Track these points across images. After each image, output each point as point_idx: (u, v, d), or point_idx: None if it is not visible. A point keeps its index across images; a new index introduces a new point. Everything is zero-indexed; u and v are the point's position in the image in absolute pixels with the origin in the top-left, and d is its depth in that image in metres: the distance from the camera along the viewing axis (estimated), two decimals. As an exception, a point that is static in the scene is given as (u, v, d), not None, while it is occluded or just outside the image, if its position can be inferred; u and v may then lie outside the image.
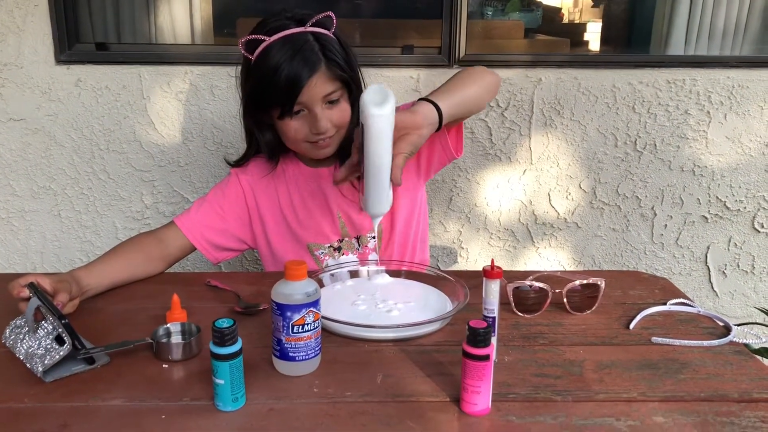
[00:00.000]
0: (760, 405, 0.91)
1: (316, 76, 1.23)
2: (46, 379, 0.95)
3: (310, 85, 1.23)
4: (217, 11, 2.21)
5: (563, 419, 0.87)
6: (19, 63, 1.99)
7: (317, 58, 1.23)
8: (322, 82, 1.25)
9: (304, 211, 1.41)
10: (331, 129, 1.29)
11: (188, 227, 1.38)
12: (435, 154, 1.40)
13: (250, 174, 1.43)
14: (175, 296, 1.13)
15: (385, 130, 1.06)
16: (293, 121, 1.28)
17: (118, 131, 2.06)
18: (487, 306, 0.99)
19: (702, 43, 2.21)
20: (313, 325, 0.96)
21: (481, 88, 1.31)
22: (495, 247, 2.21)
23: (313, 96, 1.25)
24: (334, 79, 1.26)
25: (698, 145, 2.12)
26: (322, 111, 1.27)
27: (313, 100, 1.25)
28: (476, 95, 1.30)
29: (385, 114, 1.04)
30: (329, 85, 1.26)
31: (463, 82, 1.29)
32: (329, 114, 1.28)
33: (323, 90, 1.25)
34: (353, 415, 0.88)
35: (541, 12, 2.60)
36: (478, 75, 1.33)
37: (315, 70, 1.23)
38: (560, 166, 2.14)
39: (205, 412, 0.89)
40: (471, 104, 1.29)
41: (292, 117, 1.28)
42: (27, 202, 2.12)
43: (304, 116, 1.28)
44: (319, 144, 1.31)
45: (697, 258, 2.24)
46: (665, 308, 1.22)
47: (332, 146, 1.33)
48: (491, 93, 1.36)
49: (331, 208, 1.41)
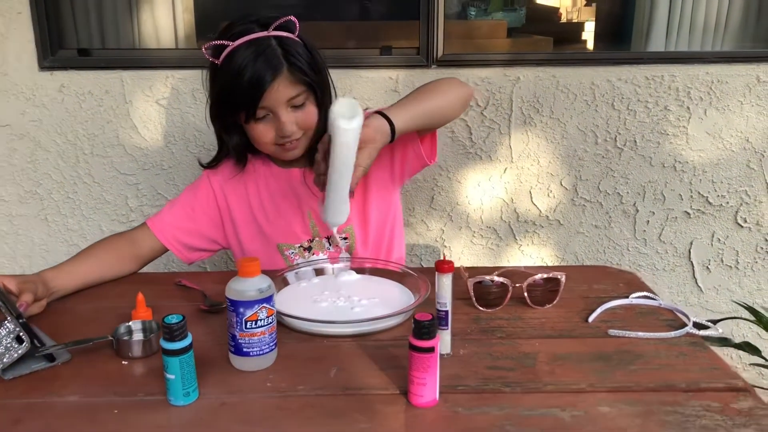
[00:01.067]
0: (707, 394, 0.92)
1: (278, 80, 1.25)
2: (5, 376, 0.97)
3: (273, 89, 1.25)
4: (200, 16, 2.24)
5: (509, 410, 0.89)
6: (3, 70, 2.02)
7: (279, 62, 1.25)
8: (284, 86, 1.26)
9: (274, 211, 1.42)
10: (297, 132, 1.31)
11: (159, 228, 1.40)
12: (408, 161, 1.41)
13: (221, 174, 1.45)
14: (139, 295, 1.15)
15: (351, 143, 1.09)
16: (259, 125, 1.30)
17: (102, 135, 2.09)
18: (440, 300, 1.01)
19: (683, 39, 2.22)
20: (267, 320, 0.97)
21: (446, 101, 1.32)
22: (478, 245, 2.23)
23: (277, 100, 1.26)
24: (298, 82, 1.27)
25: (679, 141, 2.13)
26: (287, 114, 1.28)
27: (277, 104, 1.27)
28: (438, 107, 1.31)
29: (353, 128, 1.07)
30: (292, 88, 1.27)
31: (424, 95, 1.30)
32: (294, 117, 1.29)
33: (286, 94, 1.27)
34: (302, 408, 0.90)
35: (525, 11, 2.62)
36: (444, 87, 1.33)
37: (277, 74, 1.24)
38: (541, 163, 2.15)
39: (158, 407, 0.90)
40: (434, 117, 1.31)
41: (258, 121, 1.29)
42: (14, 207, 2.15)
43: (270, 120, 1.30)
44: (286, 147, 1.33)
45: (681, 253, 2.25)
46: (627, 301, 1.23)
47: (300, 148, 1.35)
48: (459, 105, 1.36)
49: (301, 208, 1.42)
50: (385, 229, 1.47)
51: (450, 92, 1.33)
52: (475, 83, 2.05)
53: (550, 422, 0.86)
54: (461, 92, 1.35)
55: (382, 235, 1.46)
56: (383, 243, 1.46)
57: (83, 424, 0.87)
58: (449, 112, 1.33)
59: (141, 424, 0.87)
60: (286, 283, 1.26)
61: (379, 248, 1.46)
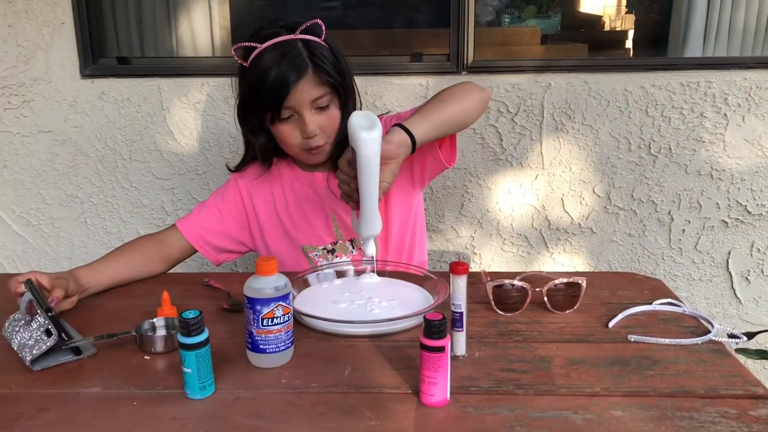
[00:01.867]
0: (726, 401, 0.90)
1: (303, 81, 1.28)
2: (33, 367, 1.01)
3: (298, 89, 1.28)
4: (235, 25, 2.29)
5: (520, 411, 0.89)
6: (47, 78, 2.10)
7: (304, 63, 1.28)
8: (309, 87, 1.29)
9: (299, 214, 1.45)
10: (321, 134, 1.33)
11: (188, 230, 1.44)
12: (427, 165, 1.41)
13: (248, 177, 1.48)
14: (165, 293, 1.18)
15: (375, 153, 1.11)
16: (285, 126, 1.33)
17: (140, 141, 2.15)
18: (454, 301, 1.01)
19: (721, 45, 2.17)
20: (283, 318, 0.99)
21: (462, 106, 1.32)
22: (508, 252, 2.21)
23: (301, 100, 1.29)
24: (322, 84, 1.30)
25: (715, 149, 2.09)
26: (310, 115, 1.31)
27: (302, 104, 1.30)
28: (457, 114, 1.31)
29: (375, 138, 1.09)
30: (317, 89, 1.30)
31: (442, 103, 1.30)
32: (318, 119, 1.32)
33: (311, 94, 1.29)
34: (314, 405, 0.91)
35: (560, 18, 2.60)
36: (459, 93, 1.33)
37: (302, 75, 1.27)
38: (573, 170, 2.13)
39: (175, 400, 0.93)
40: (453, 123, 1.31)
41: (283, 122, 1.32)
42: (56, 209, 2.23)
43: (295, 121, 1.32)
44: (312, 151, 1.35)
45: (718, 264, 2.19)
46: (649, 308, 1.21)
47: (324, 153, 1.37)
48: (477, 110, 1.36)
49: (325, 211, 1.44)
50: (406, 232, 1.47)
51: (467, 97, 1.33)
52: (506, 89, 2.05)
53: (561, 424, 0.86)
54: (478, 96, 1.35)
55: (404, 238, 1.47)
56: (404, 246, 1.47)
57: (104, 415, 0.90)
58: (468, 118, 1.34)
59: (158, 416, 0.89)
60: (307, 284, 1.28)
61: (401, 251, 1.47)
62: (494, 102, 2.06)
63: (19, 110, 2.13)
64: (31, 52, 2.08)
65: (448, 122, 1.30)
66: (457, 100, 1.31)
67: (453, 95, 1.32)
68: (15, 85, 2.11)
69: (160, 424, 0.87)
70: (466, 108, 1.32)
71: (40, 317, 1.05)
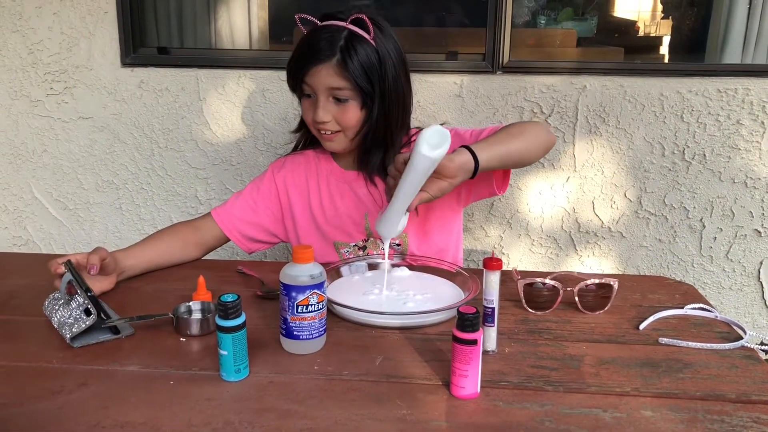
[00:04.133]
0: (758, 407, 0.90)
1: (325, 65, 1.29)
2: (73, 344, 1.04)
3: (317, 70, 1.29)
4: (273, 18, 2.32)
5: (549, 407, 0.89)
6: (88, 65, 2.15)
7: (334, 51, 1.28)
8: (329, 74, 1.29)
9: (332, 209, 1.46)
10: (331, 123, 1.34)
11: (223, 219, 1.46)
12: (477, 189, 1.41)
13: (287, 169, 1.50)
14: (201, 278, 1.20)
15: (425, 170, 1.12)
16: (305, 101, 1.37)
17: (176, 131, 2.19)
18: (487, 296, 1.02)
19: (761, 52, 2.15)
20: (317, 306, 1.01)
21: (530, 145, 1.32)
22: (537, 253, 2.21)
23: (319, 83, 1.31)
24: (344, 77, 1.29)
25: (751, 156, 2.07)
26: (324, 101, 1.32)
27: (318, 87, 1.31)
28: (522, 151, 1.31)
29: (433, 157, 1.10)
30: (336, 79, 1.30)
31: (511, 137, 1.30)
32: (332, 108, 1.33)
33: (329, 81, 1.30)
34: (346, 392, 0.92)
35: (596, 21, 2.59)
36: (529, 132, 1.33)
37: (325, 60, 1.29)
38: (605, 174, 2.12)
39: (210, 381, 0.95)
40: (515, 159, 1.31)
41: (304, 97, 1.36)
42: (92, 194, 2.27)
43: (313, 101, 1.34)
44: (322, 135, 1.37)
45: (749, 273, 2.17)
46: (681, 312, 1.20)
47: (337, 143, 1.38)
48: (541, 152, 1.35)
49: (359, 209, 1.45)
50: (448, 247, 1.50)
51: (537, 138, 1.33)
52: (541, 90, 2.05)
53: (591, 421, 0.86)
54: (546, 139, 1.35)
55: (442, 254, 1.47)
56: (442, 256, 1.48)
57: (141, 392, 0.92)
58: (531, 158, 1.34)
59: (193, 395, 0.91)
60: (339, 275, 1.30)
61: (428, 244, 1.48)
62: (528, 103, 2.06)
63: (61, 96, 2.18)
64: (74, 39, 2.13)
65: (513, 157, 1.30)
66: (526, 137, 1.31)
67: (524, 132, 1.32)
68: (57, 72, 2.16)
69: (195, 403, 0.89)
70: (532, 148, 1.32)
71: (80, 297, 1.08)
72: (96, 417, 0.86)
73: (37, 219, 2.32)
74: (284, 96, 2.11)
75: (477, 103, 2.08)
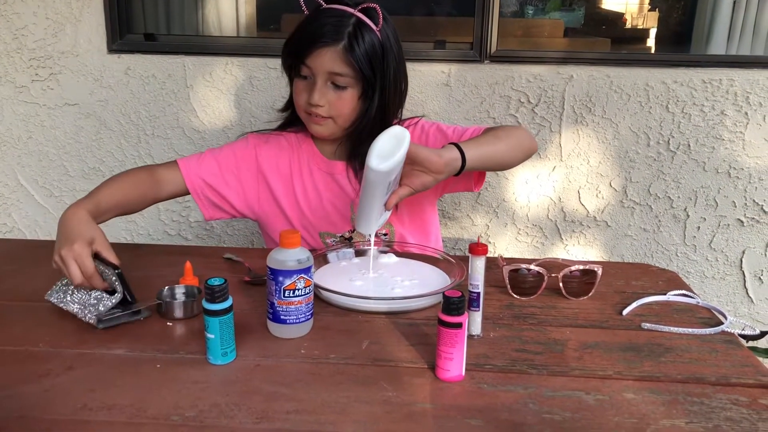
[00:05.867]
0: (736, 389, 0.92)
1: (329, 49, 1.28)
2: (99, 326, 1.04)
3: (320, 53, 1.29)
4: (261, 5, 2.31)
5: (533, 390, 0.91)
6: (74, 51, 2.13)
7: (341, 36, 1.28)
8: (332, 58, 1.29)
9: (317, 200, 1.44)
10: (325, 108, 1.33)
11: (190, 178, 1.40)
12: (454, 184, 1.42)
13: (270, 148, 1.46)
14: (187, 263, 1.21)
15: (376, 183, 1.13)
16: (300, 82, 1.35)
17: (163, 118, 2.18)
18: (472, 281, 1.03)
19: (745, 43, 2.17)
20: (304, 290, 1.01)
21: (514, 150, 1.34)
22: (522, 242, 2.23)
23: (320, 65, 1.30)
24: (347, 64, 1.29)
25: (735, 147, 2.09)
26: (322, 85, 1.31)
27: (318, 70, 1.30)
28: (505, 155, 1.34)
29: (381, 170, 1.10)
30: (339, 65, 1.29)
31: (498, 140, 1.32)
32: (329, 94, 1.32)
33: (330, 66, 1.29)
34: (332, 375, 0.93)
35: (583, 12, 2.60)
36: (515, 137, 1.35)
37: (331, 44, 1.28)
38: (591, 163, 2.14)
39: (197, 364, 0.96)
40: (498, 161, 1.34)
41: (300, 78, 1.34)
42: (78, 182, 2.26)
43: (309, 83, 1.33)
44: (312, 118, 1.36)
45: (732, 262, 2.20)
46: (664, 298, 1.22)
47: (325, 128, 1.37)
48: (521, 157, 1.38)
49: (344, 200, 1.45)
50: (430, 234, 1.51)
51: (520, 144, 1.36)
52: (528, 80, 2.06)
53: (574, 404, 0.87)
54: (529, 146, 1.38)
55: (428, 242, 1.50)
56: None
57: (128, 375, 0.93)
58: (512, 162, 1.37)
59: (181, 378, 0.92)
60: (326, 261, 1.30)
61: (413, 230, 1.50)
62: (515, 92, 2.07)
63: (46, 82, 2.16)
64: (60, 25, 2.11)
65: (497, 159, 1.33)
66: (511, 142, 1.34)
67: (509, 136, 1.34)
68: (43, 57, 2.14)
69: (183, 386, 0.90)
70: (515, 153, 1.35)
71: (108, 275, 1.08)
72: (83, 400, 0.86)
73: (22, 206, 2.30)
74: (272, 83, 2.11)
75: (465, 92, 2.08)
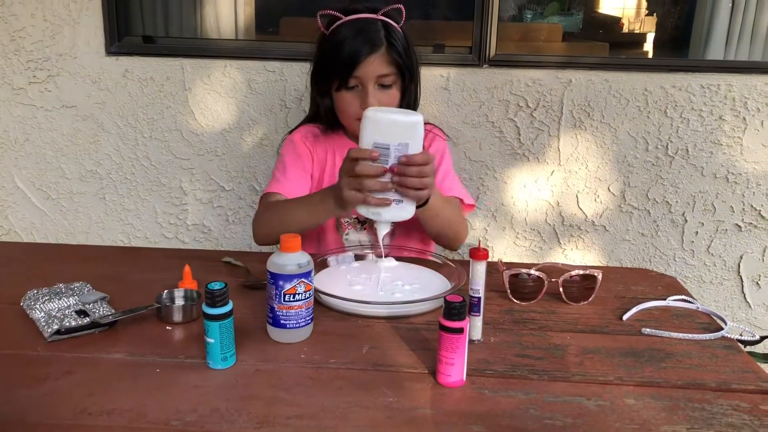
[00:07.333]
0: (737, 395, 0.92)
1: (375, 55, 1.35)
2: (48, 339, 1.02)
3: (368, 61, 1.35)
4: (260, 8, 2.31)
5: (534, 395, 0.90)
6: (72, 53, 2.13)
7: (380, 39, 1.37)
8: (379, 63, 1.36)
9: None
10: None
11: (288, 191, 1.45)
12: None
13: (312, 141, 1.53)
14: (186, 267, 1.20)
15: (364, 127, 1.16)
16: (347, 94, 1.40)
17: (161, 120, 2.17)
18: (473, 286, 1.03)
19: (743, 48, 2.17)
20: (304, 295, 1.01)
21: (456, 224, 1.43)
22: (521, 246, 2.23)
23: (369, 73, 1.36)
24: (391, 63, 1.38)
25: (733, 152, 2.09)
26: (373, 89, 1.38)
27: (368, 77, 1.36)
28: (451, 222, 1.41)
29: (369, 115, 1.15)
30: (385, 66, 1.37)
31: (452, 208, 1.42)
32: (379, 95, 1.39)
33: (379, 70, 1.37)
34: (332, 380, 0.93)
35: (582, 16, 2.60)
36: (460, 216, 1.47)
37: (375, 50, 1.35)
38: (589, 168, 2.14)
39: (197, 369, 0.95)
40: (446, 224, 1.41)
41: (347, 90, 1.39)
42: (75, 184, 2.25)
43: (358, 92, 1.39)
44: None
45: (730, 267, 2.20)
46: (663, 303, 1.22)
47: None
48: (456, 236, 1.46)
49: None
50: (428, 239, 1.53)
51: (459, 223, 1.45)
52: (527, 84, 2.06)
53: (575, 409, 0.87)
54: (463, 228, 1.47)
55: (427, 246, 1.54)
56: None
57: (127, 380, 0.92)
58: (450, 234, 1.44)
59: (180, 383, 0.91)
60: (326, 265, 1.30)
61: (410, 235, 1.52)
62: (514, 96, 2.07)
63: (44, 84, 2.16)
64: (57, 27, 2.10)
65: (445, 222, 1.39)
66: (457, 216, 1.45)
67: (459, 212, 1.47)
68: (41, 60, 2.13)
69: (183, 390, 0.89)
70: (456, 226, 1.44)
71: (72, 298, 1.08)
72: (82, 404, 0.86)
73: (19, 208, 2.29)
74: (270, 87, 2.10)
75: (463, 96, 2.08)
